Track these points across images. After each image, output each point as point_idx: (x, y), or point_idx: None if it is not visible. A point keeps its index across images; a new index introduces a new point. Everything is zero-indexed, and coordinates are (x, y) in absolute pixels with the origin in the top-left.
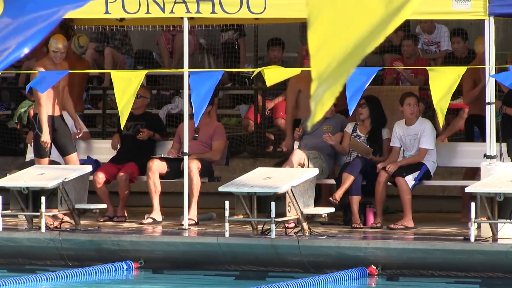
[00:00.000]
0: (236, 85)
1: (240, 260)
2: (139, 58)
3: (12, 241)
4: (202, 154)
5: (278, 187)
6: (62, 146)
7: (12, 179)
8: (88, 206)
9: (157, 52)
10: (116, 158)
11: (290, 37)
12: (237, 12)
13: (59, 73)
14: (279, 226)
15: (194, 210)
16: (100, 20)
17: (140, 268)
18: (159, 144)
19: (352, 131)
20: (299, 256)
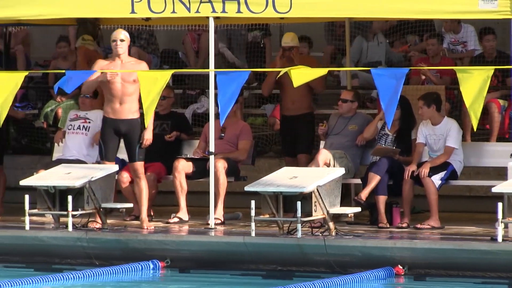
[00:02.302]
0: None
1: (266, 259)
2: (165, 57)
3: (39, 240)
4: (228, 153)
5: (304, 186)
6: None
7: (39, 178)
8: (114, 205)
9: (183, 51)
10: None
11: (315, 36)
12: (262, 11)
13: (85, 73)
14: (305, 225)
15: (220, 210)
16: (126, 19)
17: (167, 268)
18: (185, 143)
19: (380, 129)
20: (325, 256)
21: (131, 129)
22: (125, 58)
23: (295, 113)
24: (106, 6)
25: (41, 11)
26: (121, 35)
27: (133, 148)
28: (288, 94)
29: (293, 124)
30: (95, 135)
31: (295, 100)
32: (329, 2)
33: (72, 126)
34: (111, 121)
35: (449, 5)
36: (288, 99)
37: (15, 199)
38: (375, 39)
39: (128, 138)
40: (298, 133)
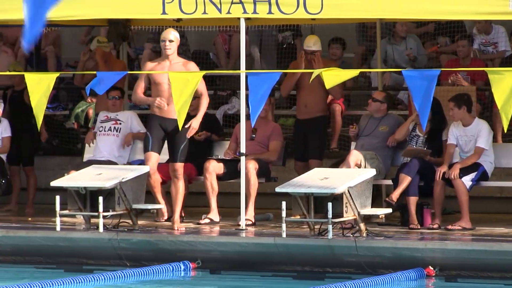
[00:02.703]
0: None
1: (297, 260)
2: (196, 58)
3: (70, 241)
4: (259, 154)
5: (335, 187)
6: None
7: (70, 179)
8: (145, 206)
9: (213, 52)
10: None
11: (346, 37)
12: (293, 12)
13: (117, 74)
14: (336, 226)
15: (251, 211)
16: (157, 20)
17: (198, 269)
18: (216, 144)
19: (412, 130)
20: (356, 257)
21: (177, 130)
22: (174, 59)
23: (307, 117)
24: (137, 7)
25: (72, 12)
26: (171, 35)
27: (176, 148)
28: (302, 96)
29: (304, 127)
30: (126, 136)
31: (308, 104)
32: (360, 3)
33: (103, 128)
34: (158, 118)
35: (480, 6)
36: (302, 101)
37: (46, 200)
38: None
39: (172, 138)
40: (309, 137)
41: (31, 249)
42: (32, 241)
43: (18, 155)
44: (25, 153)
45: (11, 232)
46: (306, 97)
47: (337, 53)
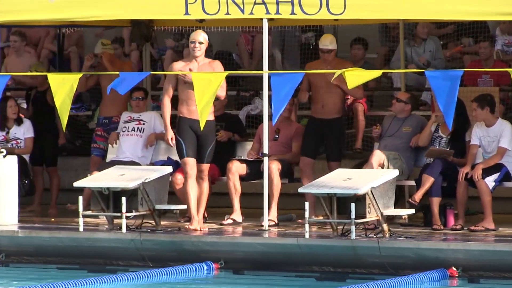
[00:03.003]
0: None
1: (320, 261)
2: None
3: (93, 242)
4: (282, 155)
5: (358, 188)
6: None
7: (93, 179)
8: (168, 207)
9: (236, 53)
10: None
11: (369, 38)
12: (316, 13)
13: (139, 74)
14: (359, 227)
15: (274, 211)
16: (180, 21)
17: (221, 269)
18: (239, 145)
19: (434, 131)
20: (379, 258)
21: (207, 130)
22: (202, 60)
23: (325, 117)
24: (160, 7)
25: (94, 12)
26: (200, 37)
27: (205, 149)
28: (320, 96)
29: (322, 127)
30: (149, 136)
31: (325, 104)
32: (383, 3)
33: (126, 128)
34: (187, 120)
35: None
36: (319, 101)
37: (69, 201)
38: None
39: (202, 139)
40: (328, 139)
41: (54, 250)
42: (55, 241)
43: (41, 156)
44: (48, 154)
45: (34, 233)
46: (324, 97)
47: (359, 54)
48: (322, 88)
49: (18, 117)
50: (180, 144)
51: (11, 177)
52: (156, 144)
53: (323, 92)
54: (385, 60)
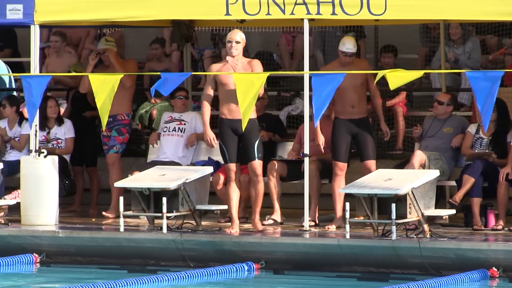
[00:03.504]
0: None
1: (360, 261)
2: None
3: (134, 242)
4: (322, 155)
5: (399, 188)
6: None
7: (133, 180)
8: (209, 207)
9: (277, 53)
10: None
11: (410, 38)
12: (357, 13)
13: (181, 75)
14: (399, 227)
15: (315, 212)
16: (220, 21)
17: (261, 269)
18: (279, 145)
19: (475, 132)
20: (420, 258)
21: (249, 129)
22: (240, 60)
23: (355, 117)
24: (201, 8)
25: (135, 13)
26: (237, 36)
27: (250, 147)
28: (348, 97)
29: (352, 128)
30: (190, 136)
31: (355, 104)
32: (424, 4)
33: (167, 128)
34: (228, 121)
35: None
36: (348, 102)
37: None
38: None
39: (245, 138)
40: (361, 139)
41: (94, 250)
42: (96, 241)
43: (81, 156)
44: (88, 154)
45: (75, 233)
46: (352, 97)
47: (389, 62)
48: (348, 89)
49: (59, 117)
50: (222, 148)
51: (52, 177)
52: (197, 144)
53: (351, 93)
54: (426, 60)
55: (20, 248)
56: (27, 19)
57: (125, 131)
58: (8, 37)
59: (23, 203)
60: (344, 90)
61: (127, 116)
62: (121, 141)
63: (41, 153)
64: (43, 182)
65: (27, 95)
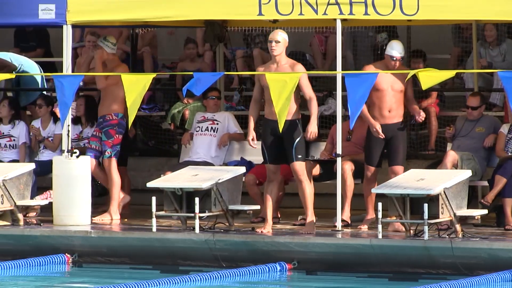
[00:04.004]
0: None
1: (392, 261)
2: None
3: (166, 242)
4: (355, 155)
5: (431, 188)
6: None
7: (166, 180)
8: (241, 207)
9: (310, 53)
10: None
11: (442, 38)
12: (390, 13)
13: (214, 75)
14: (432, 227)
15: (347, 212)
16: (253, 21)
17: (294, 269)
18: (312, 145)
19: (508, 132)
20: (452, 258)
21: (289, 130)
22: (282, 60)
23: (391, 122)
24: (233, 8)
25: (168, 12)
26: (278, 36)
27: (289, 149)
28: (386, 101)
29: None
30: (222, 136)
31: (392, 108)
32: (456, 4)
33: (199, 128)
34: (270, 122)
35: None
36: (385, 106)
37: (142, 201)
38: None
39: (284, 139)
40: (394, 144)
41: (127, 250)
42: (128, 242)
43: None
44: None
45: (107, 233)
46: (391, 101)
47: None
48: (388, 93)
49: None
50: (262, 149)
51: (84, 177)
52: (229, 144)
53: (391, 97)
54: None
55: (52, 248)
56: (60, 19)
57: (113, 133)
58: (41, 37)
59: (55, 203)
60: (383, 94)
61: (116, 115)
62: (111, 144)
63: (73, 153)
64: (75, 182)
65: (59, 94)
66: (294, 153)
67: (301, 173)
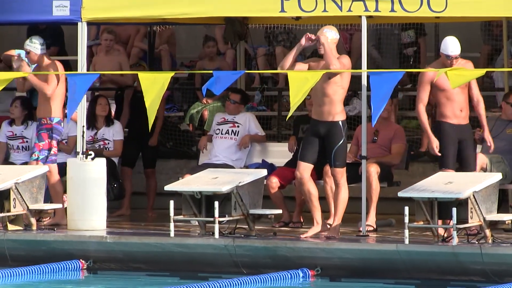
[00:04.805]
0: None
1: (420, 268)
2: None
3: (185, 247)
4: (381, 157)
5: (460, 192)
6: None
7: (184, 183)
8: (263, 211)
9: None
10: (292, 162)
11: (471, 36)
12: (417, 10)
13: (234, 74)
14: (461, 233)
15: (373, 216)
16: (275, 18)
17: (317, 276)
18: None
19: None
20: (481, 264)
21: (329, 133)
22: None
23: (463, 122)
24: (254, 4)
25: (187, 9)
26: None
27: (330, 152)
28: (457, 99)
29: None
30: (244, 137)
31: (463, 107)
32: (487, 0)
33: (220, 131)
34: (313, 122)
35: None
36: (457, 106)
37: (160, 205)
38: None
39: (326, 141)
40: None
41: (144, 256)
42: (145, 247)
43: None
44: (148, 155)
45: (123, 238)
46: (461, 99)
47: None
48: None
49: (109, 118)
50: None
51: (100, 180)
52: (251, 146)
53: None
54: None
55: (66, 254)
56: (74, 16)
57: (45, 137)
58: (55, 35)
59: (70, 207)
60: (453, 92)
61: (51, 120)
62: (41, 148)
63: (88, 155)
64: (90, 185)
65: (70, 92)
66: (333, 158)
67: (338, 178)
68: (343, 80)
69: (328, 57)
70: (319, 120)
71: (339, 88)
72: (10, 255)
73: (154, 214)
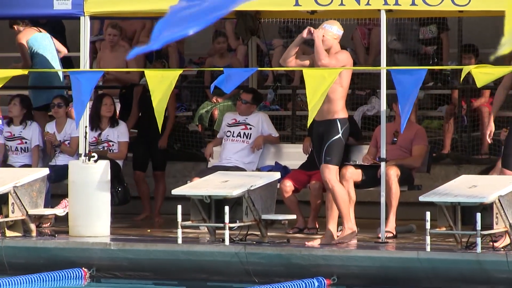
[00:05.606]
0: (438, 84)
1: (442, 276)
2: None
3: (193, 255)
4: (401, 160)
5: (485, 196)
6: None
7: (193, 187)
8: (276, 216)
9: (351, 47)
10: (307, 164)
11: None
12: (439, 4)
13: (246, 71)
14: (485, 239)
15: (392, 222)
16: (289, 12)
17: (333, 285)
18: (353, 149)
19: None
20: (507, 273)
21: (326, 130)
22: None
23: None
24: None
25: None
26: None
27: (321, 149)
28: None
29: None
30: (257, 139)
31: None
32: None
33: (230, 133)
34: (316, 123)
35: None
36: None
37: (167, 210)
38: None
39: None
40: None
41: (150, 264)
42: (151, 254)
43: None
44: (158, 157)
45: (128, 245)
46: None
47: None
48: None
49: (113, 118)
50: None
51: (103, 184)
52: (264, 148)
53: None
54: None
55: (68, 261)
56: (77, 10)
57: None
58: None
59: (71, 212)
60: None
61: None
62: None
63: (91, 157)
64: (93, 189)
65: (75, 92)
66: (324, 154)
67: (326, 176)
68: (342, 78)
69: (317, 52)
70: (319, 120)
71: (338, 86)
72: (8, 263)
73: (161, 219)
